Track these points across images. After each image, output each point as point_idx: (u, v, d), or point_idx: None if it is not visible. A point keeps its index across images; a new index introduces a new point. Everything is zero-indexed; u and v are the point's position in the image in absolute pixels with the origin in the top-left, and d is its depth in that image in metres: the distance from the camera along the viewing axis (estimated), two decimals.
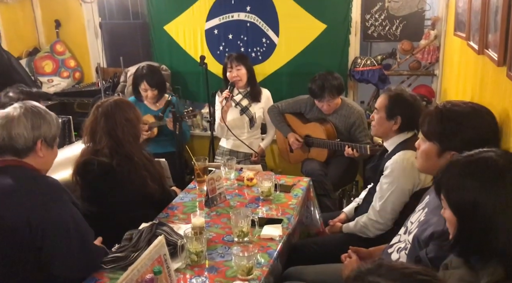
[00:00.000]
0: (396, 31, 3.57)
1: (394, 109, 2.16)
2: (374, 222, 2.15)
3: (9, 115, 1.67)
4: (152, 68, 3.50)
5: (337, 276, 1.89)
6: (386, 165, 2.13)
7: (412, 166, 2.02)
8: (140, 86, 3.40)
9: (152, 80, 3.38)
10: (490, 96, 1.79)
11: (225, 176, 2.57)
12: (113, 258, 1.75)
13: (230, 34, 3.91)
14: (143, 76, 3.38)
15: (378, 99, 2.28)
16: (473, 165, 1.15)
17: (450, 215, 1.18)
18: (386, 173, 2.12)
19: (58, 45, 4.35)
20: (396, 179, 2.07)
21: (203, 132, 4.17)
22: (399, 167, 2.06)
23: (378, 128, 2.26)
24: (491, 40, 1.73)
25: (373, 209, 2.17)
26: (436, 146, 1.61)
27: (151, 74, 3.41)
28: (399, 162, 2.07)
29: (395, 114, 2.16)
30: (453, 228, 1.18)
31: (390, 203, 2.11)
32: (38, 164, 1.73)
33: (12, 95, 2.45)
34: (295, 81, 3.79)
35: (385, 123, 2.20)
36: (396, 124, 2.17)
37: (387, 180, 2.11)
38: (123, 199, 2.18)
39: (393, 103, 2.17)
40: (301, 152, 3.34)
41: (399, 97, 2.18)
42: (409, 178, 2.06)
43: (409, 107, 2.15)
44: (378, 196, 2.16)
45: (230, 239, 1.96)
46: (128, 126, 2.18)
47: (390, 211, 2.12)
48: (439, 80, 3.56)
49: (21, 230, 1.57)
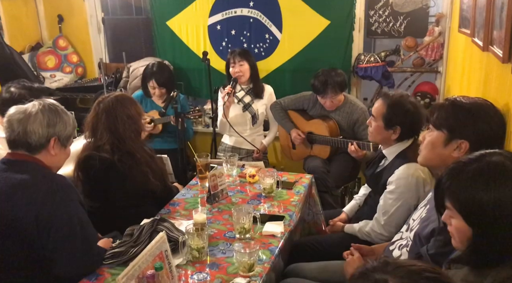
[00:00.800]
0: (400, 28, 3.55)
1: (393, 119, 2.04)
2: (378, 234, 2.09)
3: (27, 111, 1.70)
4: (162, 66, 3.57)
5: (339, 273, 1.88)
6: (390, 179, 2.04)
7: (417, 180, 1.96)
8: (149, 83, 3.46)
9: (160, 79, 3.44)
10: (495, 93, 1.77)
11: (227, 173, 2.57)
12: (112, 254, 1.75)
13: (233, 30, 3.89)
14: (153, 74, 3.44)
15: (375, 104, 2.15)
16: (484, 170, 1.08)
17: (461, 224, 1.11)
18: (390, 188, 2.03)
19: (60, 40, 4.35)
20: (402, 195, 1.99)
21: (205, 128, 4.16)
22: (404, 183, 1.97)
23: (376, 136, 2.15)
24: (496, 37, 1.72)
25: (377, 221, 2.09)
26: (444, 134, 1.56)
27: (161, 72, 3.47)
28: (404, 177, 1.97)
29: (394, 124, 2.04)
30: (463, 237, 1.11)
31: (395, 218, 2.03)
32: (49, 162, 1.74)
33: (14, 90, 2.44)
34: (298, 78, 3.78)
35: (383, 132, 2.09)
36: (395, 134, 2.07)
37: (392, 196, 2.02)
38: (124, 194, 2.18)
39: (392, 112, 2.04)
40: (303, 148, 3.33)
41: (398, 106, 2.04)
42: (414, 193, 1.98)
43: (410, 116, 2.03)
44: (382, 211, 2.07)
45: (231, 235, 1.96)
46: (129, 123, 2.18)
47: (395, 225, 2.03)
48: (443, 77, 3.54)
49: (29, 225, 1.57)
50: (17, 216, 1.58)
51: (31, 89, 2.49)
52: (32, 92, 2.43)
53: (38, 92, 2.49)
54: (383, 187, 2.09)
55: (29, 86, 2.52)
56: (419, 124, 2.09)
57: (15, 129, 1.67)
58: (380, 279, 0.85)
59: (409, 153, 2.04)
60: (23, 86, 2.49)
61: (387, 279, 0.84)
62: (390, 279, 0.84)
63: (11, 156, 1.72)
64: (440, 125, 1.58)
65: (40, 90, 2.56)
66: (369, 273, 0.87)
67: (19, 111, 1.70)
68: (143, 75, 3.56)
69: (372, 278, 0.86)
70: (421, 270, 0.85)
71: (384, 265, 0.88)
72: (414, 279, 0.83)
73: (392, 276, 0.84)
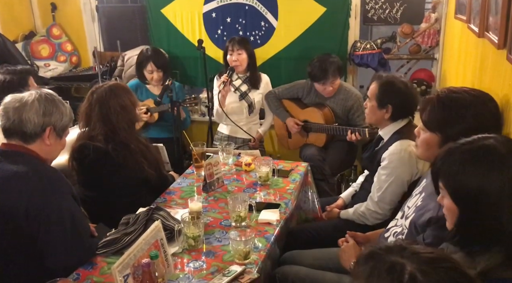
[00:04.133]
0: (397, 14, 3.52)
1: (385, 98, 2.12)
2: (373, 212, 2.14)
3: (23, 99, 1.69)
4: (156, 50, 3.58)
5: (334, 260, 1.90)
6: (383, 156, 2.10)
7: (410, 156, 2.01)
8: (146, 68, 3.43)
9: (158, 61, 3.43)
10: (490, 80, 1.77)
11: (223, 161, 2.57)
12: (105, 243, 1.75)
13: (228, 17, 3.84)
14: (149, 58, 3.42)
15: (370, 86, 2.23)
16: (474, 153, 1.11)
17: (450, 204, 1.15)
18: (383, 164, 2.09)
19: (54, 29, 4.29)
20: (394, 170, 2.05)
21: (201, 117, 4.14)
22: (397, 158, 2.04)
23: (371, 117, 2.23)
24: (491, 23, 1.70)
25: (371, 199, 2.15)
26: (437, 136, 1.57)
27: (156, 55, 3.46)
28: (397, 153, 2.04)
29: (386, 103, 2.12)
30: (453, 216, 1.15)
31: (388, 194, 2.09)
32: (43, 152, 1.72)
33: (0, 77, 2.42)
34: (294, 66, 3.75)
35: (377, 112, 2.16)
36: (388, 113, 2.13)
37: (385, 171, 2.08)
38: (119, 183, 2.18)
39: (383, 92, 2.12)
40: (299, 137, 3.33)
41: (389, 86, 2.12)
42: (407, 168, 2.04)
43: (400, 95, 2.10)
44: (376, 187, 2.13)
45: (227, 223, 1.96)
46: (123, 114, 2.16)
47: (389, 202, 2.10)
48: (439, 64, 3.52)
49: (19, 217, 1.57)
50: (9, 208, 1.58)
51: (15, 72, 2.46)
52: (17, 75, 2.41)
53: (24, 74, 2.47)
54: (378, 165, 2.14)
55: (13, 69, 2.50)
56: (411, 103, 2.14)
57: (11, 117, 1.66)
58: (397, 262, 0.83)
59: (404, 131, 2.10)
60: (6, 70, 2.46)
61: (405, 264, 0.82)
62: (408, 265, 0.82)
63: (5, 146, 1.71)
64: (433, 128, 1.59)
65: (25, 72, 2.53)
66: (383, 255, 0.86)
67: (16, 99, 1.69)
68: (137, 61, 3.52)
69: (388, 260, 0.84)
70: (439, 258, 0.84)
71: (400, 249, 0.86)
72: (433, 267, 0.82)
73: (410, 261, 0.83)
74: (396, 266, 0.82)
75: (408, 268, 0.81)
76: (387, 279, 0.82)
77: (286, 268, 1.92)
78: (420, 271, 0.81)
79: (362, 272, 0.87)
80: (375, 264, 0.85)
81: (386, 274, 0.82)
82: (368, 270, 0.85)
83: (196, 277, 1.61)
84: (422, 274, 0.80)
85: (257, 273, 1.61)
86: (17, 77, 2.41)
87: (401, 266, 0.82)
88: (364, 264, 0.88)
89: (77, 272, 1.64)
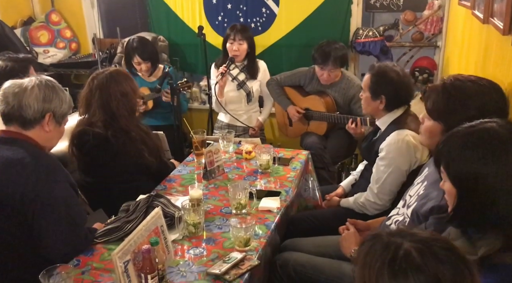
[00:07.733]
0: (399, 1, 3.48)
1: (378, 88, 2.11)
2: (372, 203, 2.13)
3: (23, 85, 1.67)
4: (142, 40, 3.42)
5: (334, 247, 1.89)
6: (381, 146, 2.09)
7: (408, 145, 2.00)
8: (133, 60, 3.34)
9: (144, 53, 3.30)
10: (494, 67, 1.75)
11: (224, 149, 2.56)
12: (105, 231, 1.74)
13: (229, 4, 3.80)
14: (135, 50, 3.30)
15: (364, 77, 2.22)
16: (474, 136, 1.12)
17: (450, 187, 1.16)
18: (381, 154, 2.08)
19: (53, 15, 4.25)
20: (393, 160, 2.04)
21: (201, 105, 4.12)
22: (395, 148, 2.03)
23: (366, 108, 2.23)
24: (496, 9, 1.68)
25: (370, 190, 2.14)
26: (441, 125, 1.56)
27: (142, 47, 3.32)
28: (394, 143, 2.03)
29: (379, 94, 2.11)
30: (453, 200, 1.16)
31: (387, 184, 2.08)
32: (42, 139, 1.71)
33: (1, 64, 2.40)
34: (296, 53, 3.72)
35: (372, 103, 2.15)
36: (382, 103, 2.12)
37: (383, 162, 2.07)
38: (119, 170, 2.17)
39: (376, 82, 2.11)
40: (300, 125, 3.31)
41: (381, 76, 2.11)
42: (405, 158, 2.03)
43: (393, 85, 2.08)
44: (375, 178, 2.12)
45: (228, 211, 1.96)
46: (123, 101, 2.14)
47: (388, 192, 2.10)
48: (442, 52, 3.49)
49: (15, 204, 1.56)
50: (5, 194, 1.57)
51: (17, 60, 2.45)
52: (19, 63, 2.40)
53: (26, 62, 2.46)
54: (376, 155, 2.13)
55: (15, 57, 2.48)
56: (405, 93, 2.13)
57: (10, 103, 1.65)
58: (394, 241, 0.88)
59: (401, 121, 2.10)
60: (8, 58, 2.45)
61: (402, 242, 0.87)
62: (404, 243, 0.86)
63: (3, 133, 1.69)
64: (436, 117, 1.58)
65: (28, 61, 2.52)
66: (383, 236, 0.90)
67: (15, 85, 1.68)
68: (125, 53, 3.42)
69: (386, 240, 0.89)
70: (435, 238, 0.89)
71: (398, 231, 0.91)
72: (428, 245, 0.86)
73: (406, 240, 0.87)
74: (392, 244, 0.87)
75: (404, 246, 0.86)
76: (383, 255, 0.86)
77: (286, 255, 1.92)
78: (415, 249, 0.85)
79: (361, 251, 0.92)
80: (373, 243, 0.90)
81: (382, 250, 0.87)
82: (366, 249, 0.90)
83: (196, 263, 1.61)
84: (417, 251, 0.85)
85: (257, 260, 1.61)
86: (18, 65, 2.39)
87: (397, 243, 0.87)
88: (363, 245, 0.93)
89: (77, 259, 1.64)
